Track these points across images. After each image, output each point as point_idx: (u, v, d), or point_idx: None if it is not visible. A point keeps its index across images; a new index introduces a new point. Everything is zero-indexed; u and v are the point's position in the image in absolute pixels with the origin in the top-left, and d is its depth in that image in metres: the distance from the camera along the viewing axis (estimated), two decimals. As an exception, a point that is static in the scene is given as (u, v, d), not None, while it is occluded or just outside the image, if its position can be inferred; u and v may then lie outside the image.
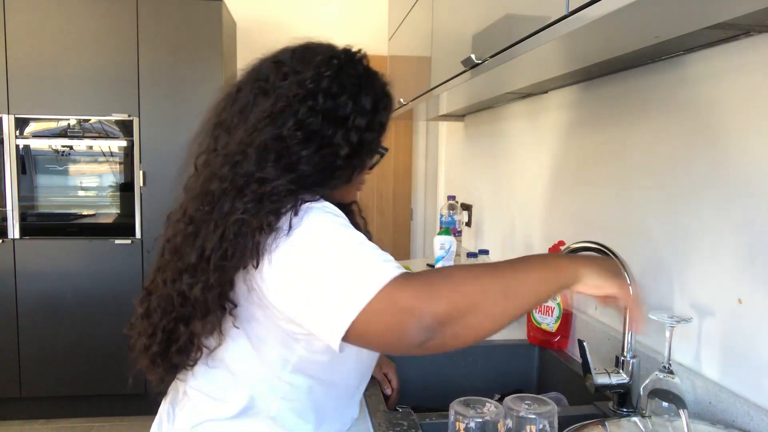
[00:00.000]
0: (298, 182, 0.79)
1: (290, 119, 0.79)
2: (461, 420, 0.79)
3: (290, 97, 0.80)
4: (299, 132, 0.79)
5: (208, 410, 0.88)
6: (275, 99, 0.81)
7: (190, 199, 0.83)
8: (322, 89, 0.81)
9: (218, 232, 0.76)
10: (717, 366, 0.97)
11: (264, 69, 0.87)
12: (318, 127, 0.80)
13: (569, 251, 1.09)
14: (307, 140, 0.80)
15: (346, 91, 0.83)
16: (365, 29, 3.64)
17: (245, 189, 0.76)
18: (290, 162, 0.79)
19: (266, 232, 0.74)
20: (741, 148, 0.92)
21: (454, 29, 1.45)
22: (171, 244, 0.83)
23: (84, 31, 2.85)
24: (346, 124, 0.82)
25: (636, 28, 0.83)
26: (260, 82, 0.85)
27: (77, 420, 3.02)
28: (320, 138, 0.81)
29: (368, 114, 0.84)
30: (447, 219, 2.29)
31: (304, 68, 0.83)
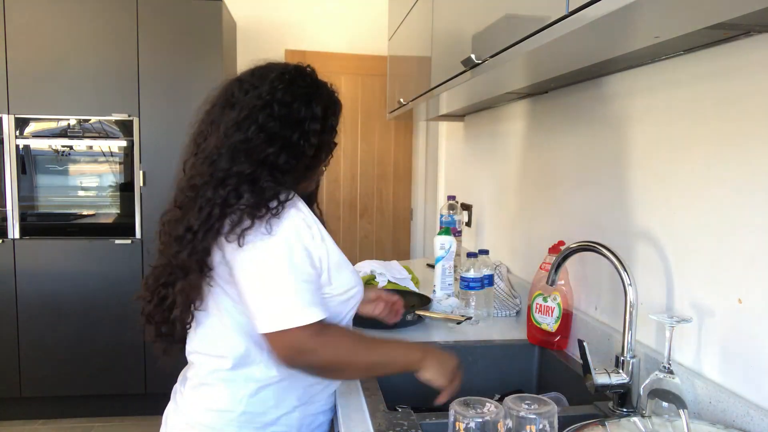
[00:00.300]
0: (270, 175, 0.98)
1: (253, 125, 0.99)
2: (461, 420, 0.79)
3: (251, 107, 1.00)
4: (262, 134, 0.99)
5: (210, 365, 1.05)
6: (239, 110, 1.01)
7: (178, 192, 1.04)
8: (276, 99, 1.01)
9: (204, 212, 0.96)
10: (717, 366, 0.97)
11: (229, 87, 1.06)
12: (277, 129, 1.00)
13: (569, 251, 1.10)
14: (270, 140, 0.99)
15: (297, 99, 1.02)
16: (365, 29, 3.64)
17: (225, 180, 0.96)
18: (259, 158, 0.98)
19: (246, 215, 0.94)
20: (741, 148, 0.92)
21: (454, 29, 1.45)
22: (165, 228, 1.05)
23: (84, 31, 2.85)
24: (303, 126, 1.02)
25: (636, 28, 0.83)
26: (227, 97, 1.05)
27: (77, 420, 3.02)
28: (281, 138, 1.00)
29: (320, 119, 1.04)
30: (447, 219, 2.29)
31: (261, 83, 1.03)
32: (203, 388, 1.05)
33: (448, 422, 0.82)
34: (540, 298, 1.42)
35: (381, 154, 3.77)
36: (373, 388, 1.15)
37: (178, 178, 1.08)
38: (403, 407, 1.09)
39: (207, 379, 1.05)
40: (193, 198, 0.99)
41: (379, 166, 3.77)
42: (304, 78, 1.06)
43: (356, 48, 3.64)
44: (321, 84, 1.09)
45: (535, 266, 1.71)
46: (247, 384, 1.03)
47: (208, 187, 0.97)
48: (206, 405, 1.04)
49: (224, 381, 1.03)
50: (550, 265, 1.46)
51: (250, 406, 1.03)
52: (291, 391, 1.06)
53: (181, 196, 1.02)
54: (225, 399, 1.03)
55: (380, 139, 3.76)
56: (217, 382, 1.04)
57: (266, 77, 1.03)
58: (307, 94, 1.04)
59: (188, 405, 1.07)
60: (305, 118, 1.02)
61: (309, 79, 1.07)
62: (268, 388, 1.04)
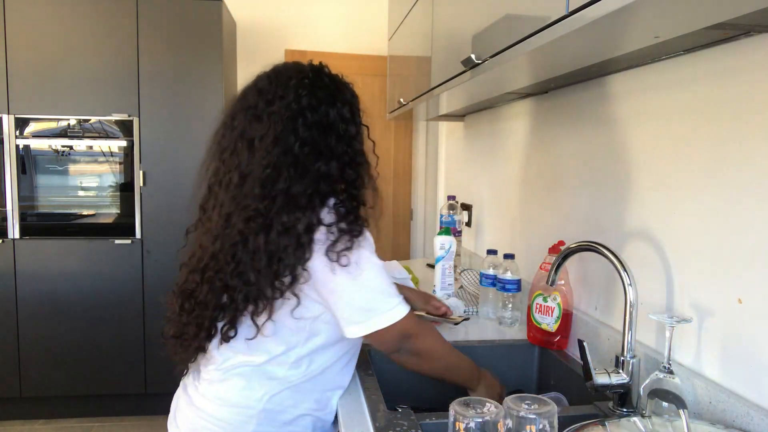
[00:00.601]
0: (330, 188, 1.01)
1: (291, 137, 0.99)
2: (461, 420, 0.79)
3: (284, 120, 0.99)
4: (305, 147, 0.99)
5: (236, 360, 1.05)
6: (271, 123, 1.00)
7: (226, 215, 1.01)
8: (304, 106, 1.01)
9: (283, 238, 0.96)
10: (717, 366, 0.97)
11: (250, 97, 1.04)
12: (316, 137, 1.00)
13: (569, 251, 1.10)
14: (315, 152, 0.99)
15: (323, 102, 1.02)
16: (365, 29, 3.64)
17: (294, 202, 0.97)
18: (312, 174, 0.99)
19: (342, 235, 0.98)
20: (741, 148, 0.92)
21: (454, 29, 1.45)
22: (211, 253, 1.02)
23: (84, 31, 2.85)
24: (337, 129, 1.02)
25: (636, 28, 0.83)
26: (251, 109, 1.03)
27: (77, 420, 3.02)
28: (324, 147, 1.00)
29: (350, 121, 1.05)
30: (447, 219, 2.29)
31: (285, 92, 1.02)
32: (223, 383, 1.05)
33: (448, 422, 0.82)
34: (540, 298, 1.42)
35: (381, 154, 3.74)
36: (372, 388, 1.15)
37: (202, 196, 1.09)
38: (403, 407, 1.09)
39: (227, 375, 1.05)
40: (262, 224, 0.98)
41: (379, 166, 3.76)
42: (322, 79, 1.06)
43: (356, 48, 3.64)
44: (337, 80, 1.09)
45: (535, 266, 1.71)
46: (270, 382, 1.04)
47: (278, 212, 0.97)
48: (225, 400, 1.04)
49: (246, 378, 1.04)
50: (550, 265, 1.46)
51: (270, 403, 1.04)
52: (309, 394, 1.08)
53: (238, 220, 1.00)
54: (245, 395, 1.04)
55: (380, 139, 3.74)
56: (237, 378, 1.05)
57: (287, 84, 1.03)
58: (330, 95, 1.04)
59: (204, 399, 1.06)
60: (335, 121, 1.03)
61: (327, 79, 1.07)
62: (289, 389, 1.05)
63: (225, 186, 1.03)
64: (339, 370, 1.13)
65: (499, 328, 1.61)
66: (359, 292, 1.00)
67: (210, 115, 2.90)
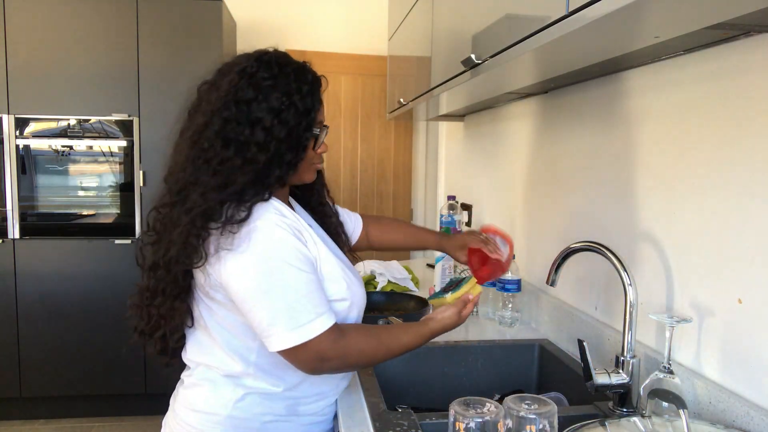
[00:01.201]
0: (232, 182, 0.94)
1: (210, 131, 0.95)
2: (461, 420, 0.79)
3: (208, 112, 0.96)
4: (218, 140, 0.94)
5: (202, 370, 1.05)
6: (201, 116, 0.97)
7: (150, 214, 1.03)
8: (237, 99, 0.95)
9: (181, 236, 0.93)
10: (717, 366, 0.97)
11: (198, 91, 1.03)
12: (234, 133, 0.94)
13: (569, 251, 1.10)
14: (226, 146, 0.94)
15: (260, 93, 0.95)
16: (365, 29, 3.64)
17: (187, 197, 0.94)
18: (218, 165, 0.94)
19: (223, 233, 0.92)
20: (741, 148, 0.92)
21: (454, 29, 1.45)
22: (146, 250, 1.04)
23: (84, 31, 2.85)
24: (262, 123, 0.95)
25: (636, 28, 0.83)
26: (194, 103, 1.02)
27: (77, 420, 3.02)
28: (237, 141, 0.94)
29: (283, 111, 0.96)
30: (447, 219, 2.28)
31: (221, 82, 0.97)
32: (194, 389, 1.06)
33: (448, 422, 0.82)
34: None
35: (381, 154, 3.77)
36: (372, 389, 1.15)
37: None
38: (403, 407, 1.09)
39: (197, 381, 1.05)
40: (166, 222, 0.98)
41: (379, 166, 3.77)
42: (268, 68, 0.97)
43: (356, 48, 3.64)
44: (289, 67, 0.99)
45: (535, 266, 1.71)
46: (236, 389, 1.02)
47: (175, 209, 0.96)
48: (194, 406, 1.05)
49: (213, 383, 1.03)
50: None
51: (236, 410, 1.02)
52: (278, 401, 1.04)
53: (154, 217, 1.02)
54: (211, 401, 1.03)
55: (380, 139, 3.76)
56: (206, 383, 1.04)
57: (227, 75, 0.98)
58: (271, 86, 0.96)
59: (179, 405, 1.07)
60: (264, 114, 0.95)
61: (275, 67, 0.98)
62: (255, 396, 1.03)
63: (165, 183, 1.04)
64: (317, 379, 1.06)
65: (499, 328, 1.61)
66: (250, 300, 0.93)
67: (210, 115, 2.89)
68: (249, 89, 0.95)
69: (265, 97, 0.95)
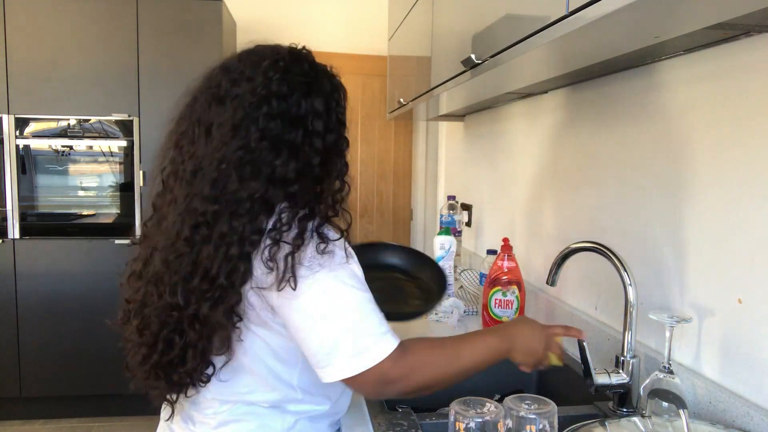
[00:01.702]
0: (284, 195, 0.84)
1: (252, 127, 0.84)
2: (461, 420, 0.79)
3: (246, 106, 0.84)
4: (264, 141, 0.84)
5: (236, 409, 0.92)
6: (232, 109, 0.85)
7: (177, 217, 0.85)
8: (273, 93, 0.85)
9: (221, 251, 0.81)
10: (717, 366, 0.97)
11: (215, 76, 0.90)
12: (279, 131, 0.84)
13: (569, 251, 1.10)
14: (274, 148, 0.84)
15: (296, 91, 0.87)
16: (365, 29, 3.64)
17: (238, 208, 0.82)
18: (269, 173, 0.83)
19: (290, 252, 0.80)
20: (741, 148, 0.92)
21: (454, 29, 1.45)
22: (162, 260, 0.86)
23: (84, 31, 2.85)
24: (305, 124, 0.87)
25: (636, 28, 0.83)
26: (212, 89, 0.89)
27: (77, 420, 3.02)
28: (286, 144, 0.85)
29: (323, 115, 0.88)
30: (447, 219, 2.29)
31: (253, 73, 0.86)
32: (230, 425, 0.92)
33: (448, 422, 0.82)
34: (499, 294, 1.45)
35: (381, 154, 3.77)
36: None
37: (155, 191, 0.93)
38: (403, 407, 1.09)
39: (235, 415, 0.92)
40: (207, 235, 0.82)
41: (379, 166, 3.76)
42: (301, 64, 0.90)
43: (356, 48, 3.64)
44: (319, 69, 0.93)
45: (535, 266, 1.71)
46: (284, 416, 0.93)
47: (221, 219, 0.82)
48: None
49: (257, 416, 0.92)
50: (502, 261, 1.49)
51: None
52: (324, 420, 0.99)
53: (185, 226, 0.84)
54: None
55: (380, 139, 3.76)
56: (248, 416, 0.92)
57: (258, 65, 0.87)
58: (306, 83, 0.88)
59: None
60: (306, 114, 0.87)
61: (307, 65, 0.91)
62: (305, 421, 0.95)
63: (180, 179, 0.88)
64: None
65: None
66: (315, 327, 0.81)
67: (210, 115, 2.89)
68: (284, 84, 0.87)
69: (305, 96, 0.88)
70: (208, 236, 0.82)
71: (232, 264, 0.81)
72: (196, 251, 0.83)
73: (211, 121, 0.87)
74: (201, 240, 0.83)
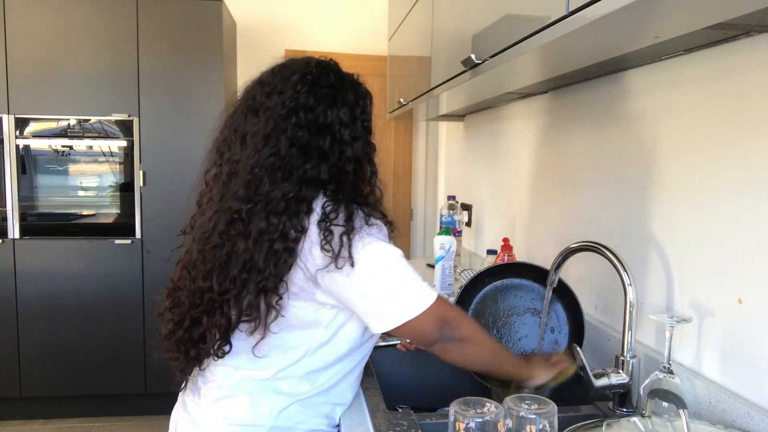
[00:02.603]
0: (319, 191, 0.95)
1: (282, 136, 0.94)
2: (461, 420, 0.79)
3: (276, 117, 0.95)
4: (294, 148, 0.94)
5: (239, 376, 0.99)
6: (265, 120, 0.96)
7: (213, 214, 0.97)
8: (300, 105, 0.95)
9: (263, 246, 0.91)
10: (717, 366, 0.97)
11: (251, 89, 1.01)
12: (307, 139, 0.95)
13: (569, 251, 1.10)
14: (304, 154, 0.94)
15: (322, 102, 0.97)
16: (365, 29, 3.64)
17: (273, 207, 0.91)
18: (300, 175, 0.93)
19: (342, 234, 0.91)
20: (741, 148, 0.92)
21: (454, 29, 1.45)
22: (198, 249, 0.97)
23: (84, 31, 2.85)
24: (333, 132, 0.97)
25: (636, 28, 0.83)
26: (249, 101, 1.00)
27: (77, 420, 3.02)
28: (315, 150, 0.95)
29: (349, 125, 0.99)
30: (447, 219, 2.29)
31: (284, 86, 0.97)
32: (228, 400, 0.99)
33: (448, 422, 0.82)
34: None
35: (381, 154, 3.74)
36: (373, 388, 1.15)
37: (200, 190, 1.04)
38: (403, 407, 1.09)
39: (232, 392, 0.99)
40: (243, 231, 0.92)
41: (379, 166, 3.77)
42: (327, 77, 1.00)
43: (356, 48, 3.64)
44: (345, 79, 1.03)
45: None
46: (277, 397, 0.98)
47: (256, 217, 0.92)
48: (231, 419, 0.98)
49: (251, 394, 0.98)
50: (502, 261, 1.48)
51: (279, 420, 0.98)
52: (319, 408, 1.02)
53: (221, 221, 0.94)
54: (252, 413, 0.98)
55: (380, 139, 3.74)
56: (242, 394, 0.98)
57: (288, 79, 0.98)
58: (332, 95, 0.98)
59: (209, 419, 1.00)
60: (332, 123, 0.97)
61: (333, 76, 1.01)
62: (297, 404, 0.99)
63: (218, 181, 1.00)
64: (351, 382, 1.07)
65: (499, 328, 1.61)
66: (381, 285, 0.93)
67: (210, 115, 2.88)
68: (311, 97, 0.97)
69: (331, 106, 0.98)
70: (245, 232, 0.92)
71: (278, 257, 0.91)
72: (230, 244, 0.93)
73: (246, 131, 0.97)
74: (236, 234, 0.93)
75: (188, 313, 0.97)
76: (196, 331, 0.96)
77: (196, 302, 0.96)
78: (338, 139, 0.97)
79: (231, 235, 0.93)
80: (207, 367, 1.02)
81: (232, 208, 0.94)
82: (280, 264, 0.91)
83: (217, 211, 0.96)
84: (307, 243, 0.92)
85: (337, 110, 0.98)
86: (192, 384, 1.06)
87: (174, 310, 1.00)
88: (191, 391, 1.05)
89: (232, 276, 0.92)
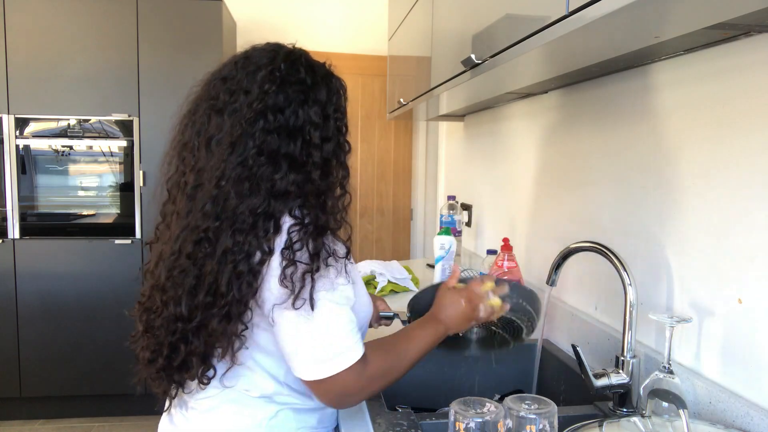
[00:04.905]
0: (287, 206, 0.86)
1: (249, 142, 0.85)
2: (461, 420, 0.79)
3: (243, 122, 0.86)
4: (262, 156, 0.85)
5: (227, 395, 0.94)
6: (230, 124, 0.87)
7: (180, 232, 0.88)
8: (269, 107, 0.86)
9: (227, 267, 0.83)
10: (717, 366, 0.97)
11: (213, 87, 0.91)
12: (277, 145, 0.86)
13: (569, 251, 1.10)
14: (273, 162, 0.86)
15: (292, 102, 0.88)
16: (365, 29, 3.64)
17: (239, 224, 0.84)
18: (269, 188, 0.85)
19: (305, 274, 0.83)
20: (741, 148, 0.92)
21: (454, 29, 1.45)
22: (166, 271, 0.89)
23: (84, 31, 2.85)
24: (303, 134, 0.88)
25: (636, 28, 0.83)
26: (212, 101, 0.90)
27: (77, 420, 3.02)
28: (285, 157, 0.86)
29: (320, 126, 0.90)
30: (447, 219, 2.29)
31: (250, 85, 0.88)
32: (217, 410, 0.95)
33: (448, 422, 0.82)
34: None
35: (381, 154, 3.77)
36: (373, 388, 1.15)
37: (162, 200, 0.96)
38: (403, 407, 1.09)
39: (221, 403, 0.95)
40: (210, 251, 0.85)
41: (379, 166, 3.77)
42: (297, 72, 0.90)
43: (356, 48, 3.64)
44: (317, 73, 0.93)
45: (535, 265, 1.71)
46: (268, 406, 0.95)
47: (222, 235, 0.84)
48: (221, 429, 0.95)
49: (242, 404, 0.95)
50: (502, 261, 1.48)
51: (271, 428, 0.95)
52: (311, 413, 1.00)
53: (188, 242, 0.86)
54: (244, 423, 0.94)
55: (380, 139, 3.76)
56: (231, 404, 0.95)
57: (254, 75, 0.89)
58: (303, 92, 0.89)
59: (198, 430, 0.96)
60: (303, 124, 0.88)
61: (304, 70, 0.91)
62: (288, 411, 0.96)
63: (182, 191, 0.91)
64: None
65: (499, 328, 1.61)
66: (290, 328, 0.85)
67: (210, 115, 2.89)
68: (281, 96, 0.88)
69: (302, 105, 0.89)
70: (212, 252, 0.85)
71: (241, 280, 0.83)
72: (198, 266, 0.86)
73: (211, 135, 0.88)
74: (204, 255, 0.85)
75: (165, 339, 0.90)
76: (176, 359, 0.90)
77: (171, 329, 0.89)
78: (309, 141, 0.88)
79: (198, 258, 0.86)
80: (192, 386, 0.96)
81: (199, 227, 0.85)
82: (243, 287, 0.84)
83: (184, 229, 0.87)
84: (266, 268, 0.85)
85: (309, 110, 0.89)
86: (178, 398, 1.00)
87: (148, 334, 0.94)
88: (178, 404, 1.00)
89: (197, 301, 0.86)
